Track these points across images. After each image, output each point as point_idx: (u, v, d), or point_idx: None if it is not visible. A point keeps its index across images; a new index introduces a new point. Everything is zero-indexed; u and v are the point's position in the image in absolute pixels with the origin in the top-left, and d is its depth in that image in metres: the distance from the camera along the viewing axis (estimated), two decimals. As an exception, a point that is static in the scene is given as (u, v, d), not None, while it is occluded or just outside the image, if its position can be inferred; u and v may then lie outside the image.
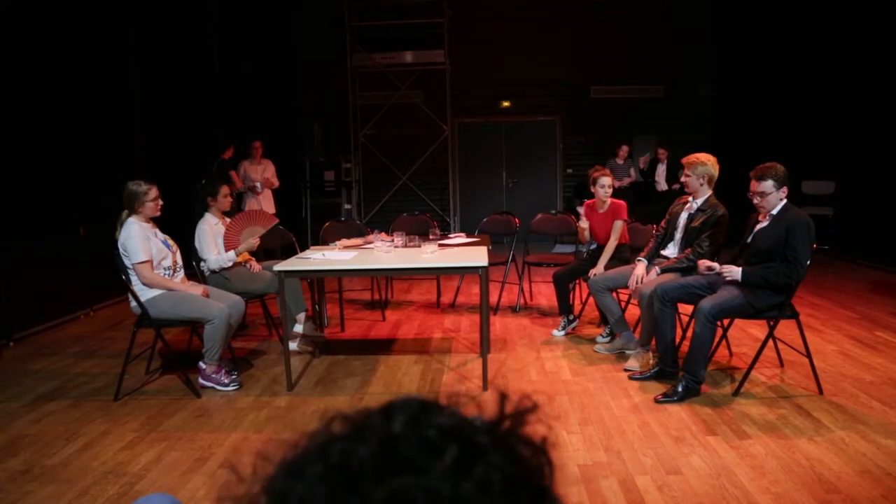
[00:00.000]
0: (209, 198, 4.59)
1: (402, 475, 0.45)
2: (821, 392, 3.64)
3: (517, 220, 6.18)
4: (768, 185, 3.58)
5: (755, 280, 3.56)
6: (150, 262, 3.84)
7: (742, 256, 3.78)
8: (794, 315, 3.65)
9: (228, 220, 4.66)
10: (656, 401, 3.56)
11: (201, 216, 4.59)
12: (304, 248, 5.02)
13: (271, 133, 7.94)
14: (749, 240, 3.76)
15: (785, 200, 3.63)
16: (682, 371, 3.64)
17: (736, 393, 3.65)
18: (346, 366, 4.42)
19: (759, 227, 3.71)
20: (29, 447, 3.21)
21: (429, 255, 4.18)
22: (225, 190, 4.63)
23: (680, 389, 3.58)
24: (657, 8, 10.38)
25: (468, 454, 0.46)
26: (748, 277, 3.57)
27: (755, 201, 3.66)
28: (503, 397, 0.54)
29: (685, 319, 4.29)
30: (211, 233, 4.50)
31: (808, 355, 3.68)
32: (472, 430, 0.49)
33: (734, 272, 3.60)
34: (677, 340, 4.02)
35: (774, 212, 3.63)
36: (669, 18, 10.40)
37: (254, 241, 4.54)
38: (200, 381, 3.97)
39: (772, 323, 3.68)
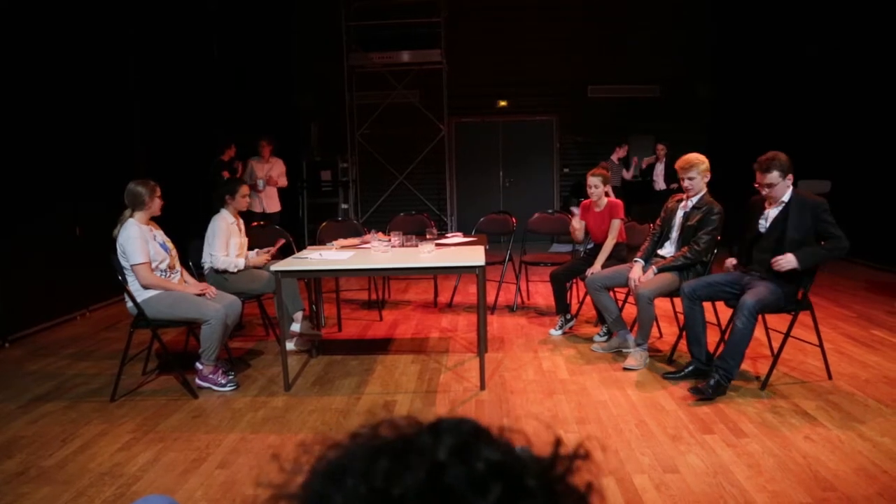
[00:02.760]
0: (227, 196, 4.61)
1: None
2: (830, 377, 3.75)
3: (514, 220, 6.18)
4: (774, 175, 3.63)
5: (812, 262, 3.58)
6: (148, 263, 3.84)
7: (758, 245, 3.80)
8: (809, 306, 3.72)
9: (241, 220, 4.70)
10: (690, 392, 3.55)
11: (217, 211, 4.60)
12: (301, 247, 5.02)
13: (268, 133, 7.92)
14: (764, 230, 3.76)
15: (791, 187, 3.67)
16: (716, 366, 3.60)
17: (763, 388, 3.69)
18: (343, 366, 4.41)
19: (770, 214, 3.73)
20: (25, 448, 3.20)
21: (426, 255, 4.17)
22: (244, 190, 4.66)
23: (712, 384, 3.54)
24: (654, 7, 10.39)
25: (513, 496, 0.45)
26: (805, 262, 3.55)
27: (764, 192, 3.72)
28: (558, 442, 0.52)
29: (671, 313, 4.29)
30: (226, 230, 4.49)
31: (821, 344, 3.77)
32: (521, 470, 0.47)
33: (790, 260, 3.55)
34: (659, 336, 4.02)
35: (785, 198, 3.67)
36: (667, 17, 10.41)
37: (262, 259, 4.63)
38: (197, 381, 3.96)
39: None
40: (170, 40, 7.37)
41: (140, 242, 3.82)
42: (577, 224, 5.04)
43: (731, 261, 3.99)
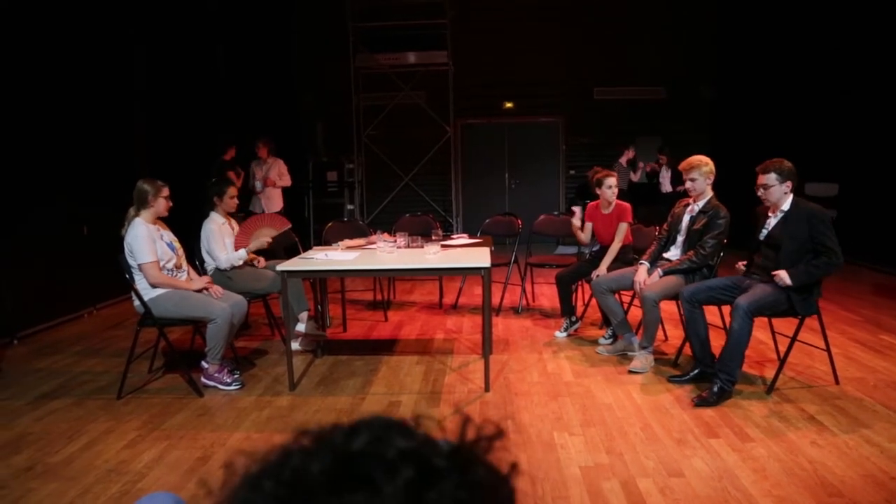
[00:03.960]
0: (215, 197, 4.61)
1: (353, 493, 0.45)
2: (837, 382, 3.74)
3: (520, 222, 6.18)
4: (771, 177, 3.64)
5: (805, 279, 3.56)
6: (156, 262, 3.85)
7: (758, 252, 3.80)
8: (817, 310, 3.70)
9: (234, 220, 4.70)
10: (693, 402, 3.54)
11: (207, 215, 4.61)
12: (306, 248, 5.03)
13: (274, 134, 7.95)
14: (762, 236, 3.77)
15: (791, 196, 3.67)
16: (717, 371, 3.61)
17: (769, 392, 3.68)
18: (348, 366, 4.42)
19: (770, 222, 3.73)
20: (32, 444, 3.22)
21: (431, 256, 4.18)
22: (232, 191, 4.64)
23: (715, 390, 3.54)
24: (659, 9, 10.38)
25: (424, 477, 0.46)
26: (798, 279, 3.55)
27: (759, 193, 3.73)
28: (465, 421, 0.53)
29: (677, 317, 4.27)
30: (219, 232, 4.51)
31: (828, 348, 3.75)
32: (432, 453, 0.48)
33: (784, 278, 3.56)
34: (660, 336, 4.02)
35: (784, 207, 3.67)
36: (672, 19, 10.40)
37: (265, 241, 4.57)
38: (203, 380, 3.97)
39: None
40: (175, 42, 7.39)
41: (148, 241, 3.83)
42: (577, 222, 5.03)
43: (742, 263, 3.99)
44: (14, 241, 5.08)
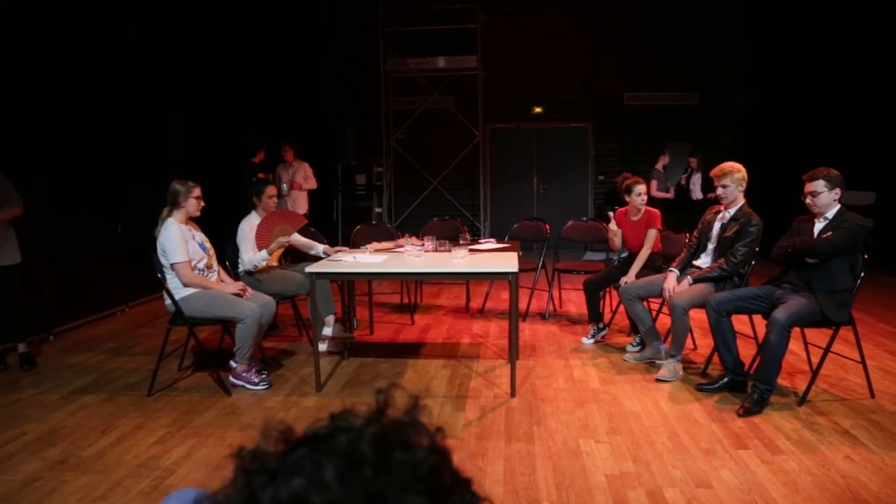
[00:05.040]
0: (255, 197, 4.70)
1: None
2: (872, 395, 3.66)
3: (548, 227, 6.15)
4: (819, 184, 3.61)
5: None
6: (188, 262, 3.91)
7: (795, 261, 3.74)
8: (851, 320, 3.63)
9: None
10: (739, 414, 3.49)
11: (247, 214, 4.69)
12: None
13: (304, 137, 8.04)
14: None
15: (839, 205, 3.62)
16: (755, 381, 3.59)
17: (801, 403, 3.61)
18: (374, 368, 4.44)
19: (817, 227, 3.69)
20: (66, 438, 3.29)
21: (459, 261, 4.18)
22: (270, 191, 4.73)
23: (755, 397, 3.53)
24: (692, 13, 10.26)
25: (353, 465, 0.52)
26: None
27: (806, 202, 3.69)
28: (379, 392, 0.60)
29: (706, 325, 4.21)
30: (251, 232, 4.57)
31: (863, 360, 3.67)
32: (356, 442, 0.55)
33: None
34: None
35: (829, 214, 3.61)
36: (705, 24, 10.28)
37: (285, 240, 4.61)
38: (231, 379, 4.02)
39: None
40: (208, 45, 7.51)
41: (180, 242, 3.90)
42: (614, 227, 4.99)
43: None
44: (52, 240, 5.21)
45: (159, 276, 3.95)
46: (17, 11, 4.87)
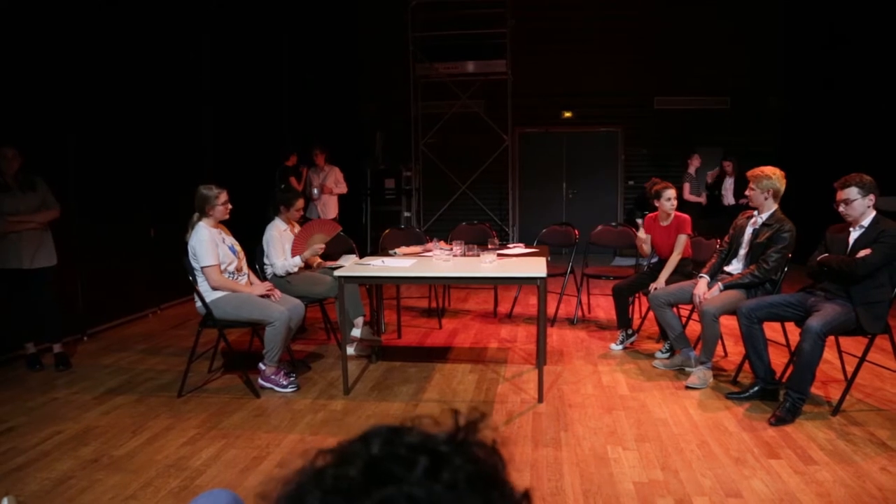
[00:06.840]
0: (282, 206, 4.77)
1: (385, 486, 0.54)
2: None
3: (577, 232, 6.11)
4: (852, 191, 3.52)
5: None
6: (217, 265, 3.97)
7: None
8: (888, 329, 3.54)
9: (297, 226, 4.84)
10: (770, 423, 3.43)
11: (271, 220, 4.75)
12: (363, 254, 5.10)
13: (334, 141, 8.11)
14: (847, 251, 3.63)
15: (874, 212, 3.53)
16: (788, 390, 3.53)
17: (835, 413, 3.54)
18: (401, 372, 4.45)
19: (852, 236, 3.60)
20: (98, 437, 3.36)
21: (487, 265, 4.17)
22: (299, 204, 4.83)
23: (788, 406, 3.46)
24: (724, 17, 10.13)
25: (435, 462, 0.56)
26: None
27: (840, 210, 3.59)
28: (455, 413, 0.64)
29: (737, 332, 4.13)
30: (279, 238, 4.65)
31: None
32: (436, 443, 0.59)
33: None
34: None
35: (865, 222, 3.53)
36: (737, 28, 10.13)
37: (319, 248, 4.70)
38: (260, 381, 4.07)
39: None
40: (241, 49, 7.63)
41: (210, 245, 3.96)
42: (643, 235, 4.94)
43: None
44: (87, 243, 5.34)
45: (191, 278, 4.01)
46: (54, 17, 5.00)
